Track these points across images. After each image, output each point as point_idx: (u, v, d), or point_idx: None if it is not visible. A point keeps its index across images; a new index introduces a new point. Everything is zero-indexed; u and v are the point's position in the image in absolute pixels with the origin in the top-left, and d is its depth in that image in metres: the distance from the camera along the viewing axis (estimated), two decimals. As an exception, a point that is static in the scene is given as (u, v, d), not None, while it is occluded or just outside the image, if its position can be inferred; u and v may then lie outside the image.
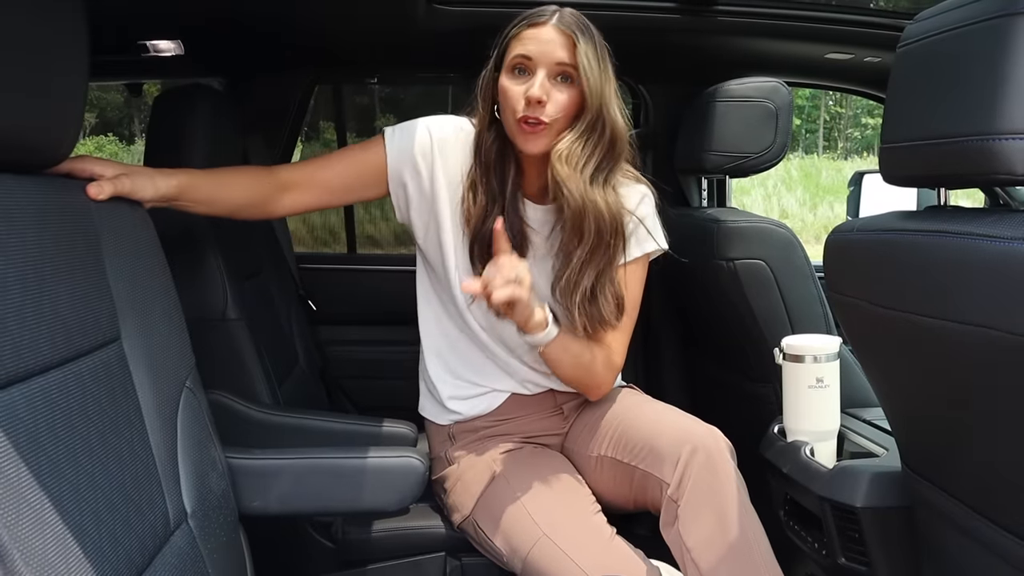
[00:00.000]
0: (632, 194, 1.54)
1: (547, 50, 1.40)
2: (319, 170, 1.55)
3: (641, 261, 1.57)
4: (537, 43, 1.41)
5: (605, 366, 1.54)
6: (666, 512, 1.37)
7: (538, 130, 1.42)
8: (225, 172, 1.49)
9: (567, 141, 1.43)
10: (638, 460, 1.44)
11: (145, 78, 2.78)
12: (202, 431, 1.19)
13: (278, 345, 1.95)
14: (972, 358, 0.95)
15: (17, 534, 0.72)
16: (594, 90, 1.41)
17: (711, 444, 1.38)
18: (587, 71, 1.40)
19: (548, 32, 1.41)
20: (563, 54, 1.40)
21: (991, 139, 0.91)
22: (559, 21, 1.42)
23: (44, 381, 0.84)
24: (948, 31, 0.98)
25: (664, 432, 1.43)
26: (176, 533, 1.05)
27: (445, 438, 1.64)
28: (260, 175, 1.51)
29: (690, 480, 1.35)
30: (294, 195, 1.52)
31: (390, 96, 8.16)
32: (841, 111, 23.21)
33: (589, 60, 1.40)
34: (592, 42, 1.42)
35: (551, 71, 1.41)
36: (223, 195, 1.44)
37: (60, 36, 0.96)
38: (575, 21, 1.43)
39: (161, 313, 1.15)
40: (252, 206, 1.50)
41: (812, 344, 1.55)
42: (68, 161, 1.09)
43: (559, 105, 1.41)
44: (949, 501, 1.13)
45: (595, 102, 1.41)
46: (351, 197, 1.60)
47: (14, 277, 0.82)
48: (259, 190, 1.50)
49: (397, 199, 1.57)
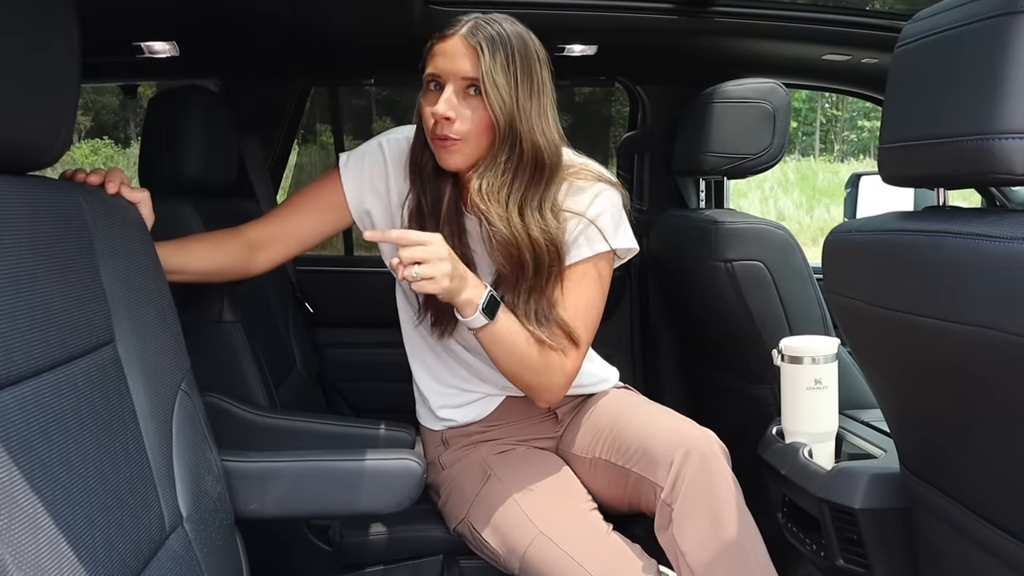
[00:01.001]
0: (583, 196, 1.47)
1: (452, 65, 1.35)
2: (283, 221, 1.54)
3: (592, 261, 1.47)
4: (443, 57, 1.36)
5: (557, 371, 1.44)
6: (660, 516, 1.36)
7: (449, 146, 1.37)
8: (193, 240, 1.48)
9: (483, 172, 1.37)
10: (632, 463, 1.43)
11: (140, 79, 2.77)
12: (197, 434, 1.18)
13: (275, 347, 1.94)
14: (972, 359, 0.95)
15: (10, 539, 0.72)
16: (501, 105, 1.34)
17: (705, 447, 1.37)
18: (490, 86, 1.33)
19: (453, 45, 1.35)
20: (467, 67, 1.34)
21: (990, 139, 0.90)
22: (468, 33, 1.35)
23: (37, 384, 0.84)
24: (946, 31, 0.98)
25: (657, 435, 1.42)
26: (171, 537, 1.05)
27: (438, 443, 1.64)
28: (226, 240, 1.50)
29: (684, 483, 1.34)
30: (268, 252, 1.52)
31: (387, 98, 8.16)
32: (837, 114, 23.26)
33: (495, 75, 1.33)
34: (505, 53, 1.34)
35: (458, 86, 1.36)
36: (191, 264, 1.43)
37: (51, 36, 0.95)
38: (489, 32, 1.35)
39: (156, 315, 1.14)
40: (225, 271, 1.50)
41: (810, 345, 1.55)
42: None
43: (469, 121, 1.36)
44: (948, 502, 1.13)
45: (504, 120, 1.35)
46: (325, 235, 1.58)
47: (5, 279, 0.82)
48: (227, 256, 1.49)
49: (363, 225, 1.56)
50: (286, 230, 1.53)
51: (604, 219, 1.47)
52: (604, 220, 1.47)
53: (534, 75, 1.38)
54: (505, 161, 1.37)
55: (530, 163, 1.38)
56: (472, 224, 1.48)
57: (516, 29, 1.38)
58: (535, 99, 1.38)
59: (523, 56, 1.36)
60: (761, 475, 1.64)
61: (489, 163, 1.38)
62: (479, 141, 1.38)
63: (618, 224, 1.49)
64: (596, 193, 1.47)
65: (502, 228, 1.37)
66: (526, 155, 1.38)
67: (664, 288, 2.38)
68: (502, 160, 1.37)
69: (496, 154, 1.38)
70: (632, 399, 1.61)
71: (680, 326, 2.41)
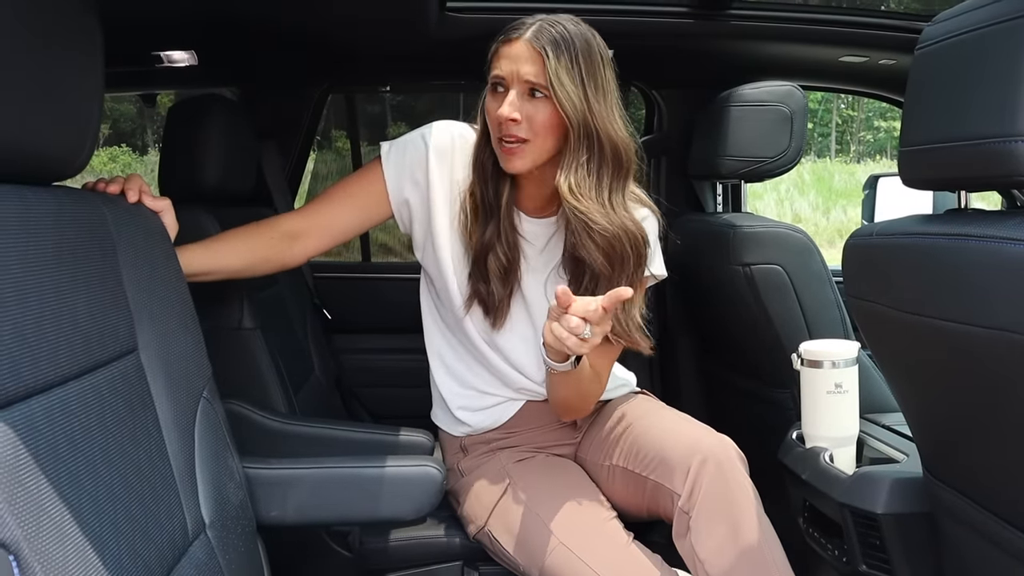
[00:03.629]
0: None
1: (516, 68, 1.36)
2: (323, 212, 1.54)
3: None
4: (508, 61, 1.38)
5: (595, 396, 1.52)
6: (678, 523, 1.36)
7: (515, 150, 1.39)
8: (219, 239, 1.49)
9: (567, 173, 1.38)
10: (648, 470, 1.43)
11: (159, 88, 2.79)
12: (219, 441, 1.19)
13: (293, 354, 1.95)
14: (996, 362, 0.94)
15: (37, 546, 0.72)
16: (573, 106, 1.35)
17: (721, 454, 1.36)
18: (559, 87, 1.34)
19: (518, 49, 1.37)
20: (531, 71, 1.36)
21: (1012, 141, 0.90)
22: (533, 36, 1.36)
23: (63, 392, 0.84)
24: (967, 32, 0.98)
25: (674, 442, 1.41)
26: (194, 544, 1.05)
27: (457, 449, 1.64)
28: (261, 232, 1.51)
29: (701, 491, 1.33)
30: (305, 243, 1.53)
31: (402, 104, 8.18)
32: (853, 114, 23.15)
33: (560, 76, 1.34)
34: (570, 55, 1.35)
35: (522, 89, 1.37)
36: (220, 263, 1.44)
37: (76, 48, 0.96)
38: (552, 34, 1.36)
39: (178, 323, 1.15)
40: (260, 264, 1.51)
41: (830, 349, 1.54)
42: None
43: (535, 122, 1.37)
44: (971, 507, 1.12)
45: (577, 119, 1.36)
46: (363, 227, 1.59)
47: (32, 287, 0.83)
48: (262, 249, 1.50)
49: (401, 217, 1.56)
50: (324, 221, 1.54)
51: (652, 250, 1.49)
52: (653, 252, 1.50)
53: (598, 74, 1.39)
54: (587, 160, 1.39)
55: (611, 158, 1.40)
56: (527, 223, 1.51)
57: (580, 29, 1.39)
58: (602, 97, 1.39)
59: (587, 56, 1.37)
60: (781, 479, 1.64)
61: (571, 162, 1.39)
62: (544, 143, 1.39)
63: (656, 251, 1.52)
64: (642, 218, 1.48)
65: (605, 224, 1.38)
66: (606, 151, 1.39)
67: (682, 292, 2.38)
68: (584, 159, 1.39)
69: (576, 153, 1.39)
70: (649, 405, 1.60)
71: (698, 330, 2.41)
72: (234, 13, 1.70)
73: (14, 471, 0.73)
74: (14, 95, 0.84)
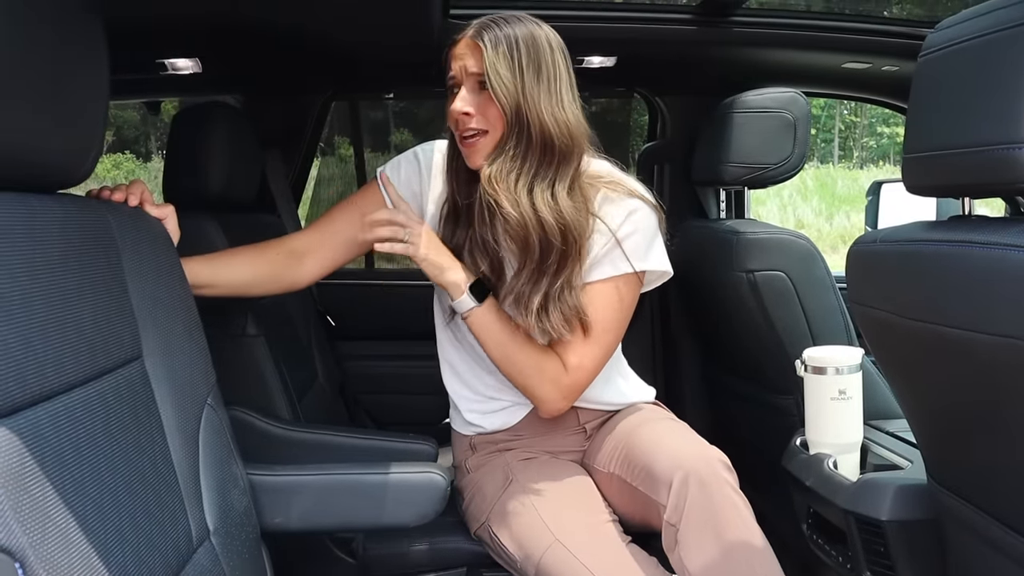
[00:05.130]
0: (616, 211, 1.47)
1: (463, 63, 1.41)
2: (325, 230, 1.56)
3: (614, 282, 1.48)
4: (454, 60, 1.43)
5: (551, 381, 1.47)
6: (666, 535, 1.34)
7: (474, 143, 1.42)
8: (224, 254, 1.50)
9: (492, 160, 1.41)
10: (638, 481, 1.42)
11: (163, 96, 2.80)
12: (224, 448, 1.19)
13: (297, 361, 1.95)
14: (999, 368, 0.94)
15: (43, 553, 0.72)
16: (506, 95, 1.37)
17: (704, 469, 1.34)
18: (493, 77, 1.37)
19: (462, 46, 1.42)
20: (473, 63, 1.40)
21: (1015, 148, 0.90)
22: (474, 32, 1.41)
23: (68, 400, 0.85)
24: (970, 40, 0.98)
25: (659, 455, 1.40)
26: (199, 551, 1.05)
27: (467, 447, 1.65)
28: (268, 250, 1.52)
29: (685, 505, 1.32)
30: (312, 261, 1.54)
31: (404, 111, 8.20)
32: (856, 120, 23.14)
33: (497, 66, 1.37)
34: (507, 45, 1.38)
35: (470, 83, 1.41)
36: (223, 277, 1.45)
37: (81, 56, 0.97)
38: (491, 29, 1.40)
39: (182, 330, 1.15)
40: (265, 282, 1.52)
41: (834, 356, 1.53)
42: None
43: (489, 114, 1.40)
44: (976, 514, 1.11)
45: (510, 107, 1.38)
46: (366, 245, 1.58)
47: (38, 295, 0.83)
48: (268, 266, 1.51)
49: None
50: (331, 236, 1.55)
51: (634, 239, 1.47)
52: (634, 240, 1.47)
53: (542, 60, 1.40)
54: (514, 147, 1.40)
55: (539, 146, 1.40)
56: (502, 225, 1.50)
57: (523, 23, 1.42)
58: (544, 84, 1.40)
59: (528, 44, 1.39)
60: (785, 486, 1.63)
61: (498, 152, 1.41)
62: (497, 133, 1.41)
63: (651, 245, 1.49)
64: (630, 211, 1.47)
65: (510, 209, 1.38)
66: (534, 139, 1.40)
67: (685, 299, 2.38)
68: (510, 146, 1.40)
69: (505, 141, 1.41)
70: (650, 415, 1.60)
71: (701, 336, 2.41)
72: (238, 20, 1.71)
73: (20, 478, 0.73)
74: (20, 103, 0.84)
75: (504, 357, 1.47)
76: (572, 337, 1.46)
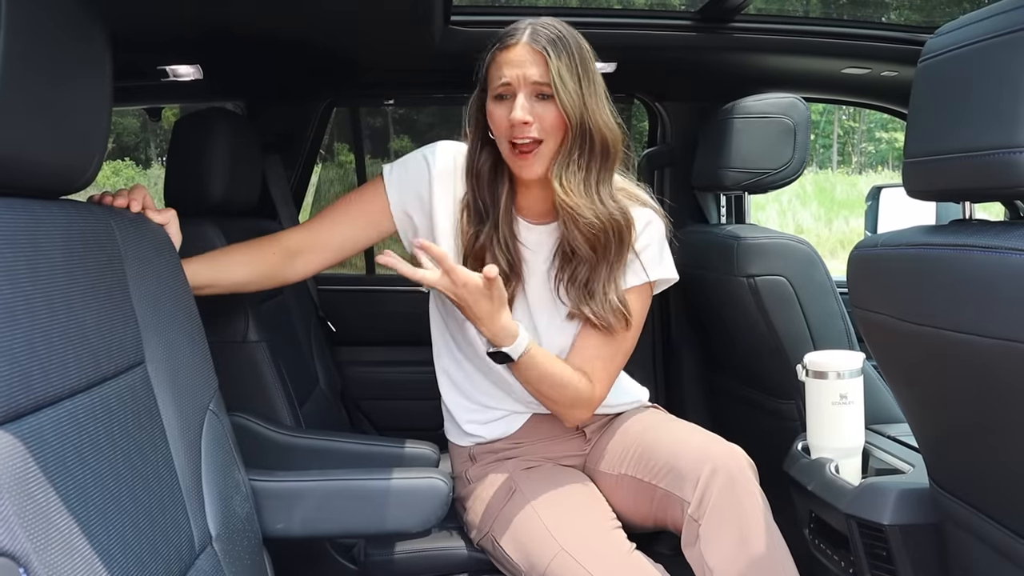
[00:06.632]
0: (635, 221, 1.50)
1: (521, 72, 1.39)
2: (324, 229, 1.56)
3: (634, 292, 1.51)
4: (510, 66, 1.40)
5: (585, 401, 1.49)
6: (687, 532, 1.36)
7: (530, 153, 1.41)
8: (223, 253, 1.50)
9: (560, 171, 1.42)
10: (658, 479, 1.43)
11: (165, 102, 2.80)
12: (226, 454, 1.19)
13: (298, 367, 1.95)
14: (1000, 372, 0.94)
15: (46, 558, 0.72)
16: (572, 105, 1.39)
17: (732, 464, 1.36)
18: (561, 88, 1.38)
19: (520, 53, 1.40)
20: (536, 72, 1.39)
21: (1014, 152, 0.90)
22: (530, 39, 1.40)
23: (72, 405, 0.85)
24: (969, 45, 0.98)
25: (685, 451, 1.42)
26: (201, 556, 1.05)
27: (466, 458, 1.64)
28: (263, 248, 1.52)
29: (711, 500, 1.34)
30: (305, 259, 1.54)
31: (404, 117, 8.21)
32: (855, 125, 23.17)
33: (563, 76, 1.38)
34: (567, 53, 1.39)
35: (529, 91, 1.40)
36: (223, 277, 1.46)
37: (84, 63, 0.97)
38: (548, 35, 1.40)
39: (184, 336, 1.15)
40: (261, 280, 1.52)
41: (835, 360, 1.54)
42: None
43: (545, 122, 1.41)
44: (978, 518, 1.12)
45: (575, 117, 1.40)
46: (363, 245, 1.59)
47: (42, 301, 0.83)
48: (264, 264, 1.51)
49: (404, 233, 1.57)
50: (328, 236, 1.55)
51: (651, 250, 1.52)
52: (651, 251, 1.52)
53: (590, 70, 1.43)
54: (579, 157, 1.42)
55: (600, 152, 1.44)
56: (526, 230, 1.52)
57: (568, 29, 1.43)
58: (595, 92, 1.43)
59: (579, 52, 1.42)
60: (787, 490, 1.63)
61: (564, 161, 1.42)
62: (554, 142, 1.42)
63: (662, 254, 1.54)
64: (647, 222, 1.52)
65: (593, 219, 1.42)
66: (596, 146, 1.43)
67: (686, 303, 2.38)
68: (576, 156, 1.42)
69: (570, 151, 1.42)
70: (660, 416, 1.61)
71: (702, 341, 2.41)
72: (239, 27, 1.71)
73: (24, 483, 0.73)
74: (23, 110, 0.84)
75: (545, 389, 1.46)
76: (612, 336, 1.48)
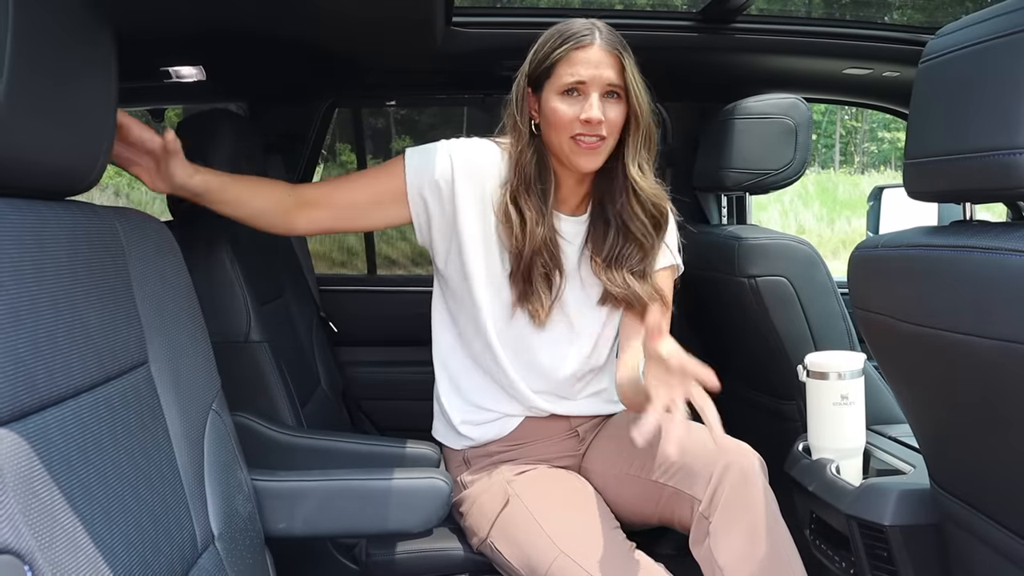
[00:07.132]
0: None
1: (598, 72, 1.45)
2: (338, 190, 1.57)
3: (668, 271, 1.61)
4: (587, 66, 1.45)
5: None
6: (696, 529, 1.36)
7: (596, 147, 1.47)
8: (252, 179, 1.53)
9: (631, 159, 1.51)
10: (667, 477, 1.43)
11: (168, 103, 2.81)
12: (228, 454, 1.19)
13: (300, 367, 1.95)
14: (1000, 373, 0.95)
15: (51, 556, 0.73)
16: (640, 104, 1.48)
17: (744, 461, 1.37)
18: (633, 88, 1.46)
19: (596, 54, 1.45)
20: (612, 74, 1.45)
21: (1015, 153, 0.90)
22: (603, 41, 1.45)
23: (76, 405, 0.85)
24: (970, 46, 0.98)
25: (696, 449, 1.41)
26: (203, 556, 1.06)
27: (460, 462, 1.64)
28: (283, 189, 1.54)
29: (722, 497, 1.34)
30: (313, 213, 1.53)
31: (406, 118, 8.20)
32: (857, 125, 23.15)
33: (635, 76, 1.47)
34: (630, 56, 1.47)
35: (602, 91, 1.46)
36: (247, 199, 1.48)
37: (89, 64, 0.97)
38: (617, 38, 1.47)
39: (187, 337, 1.16)
40: (271, 215, 1.52)
41: (836, 361, 1.54)
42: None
43: (612, 122, 1.47)
44: (978, 518, 1.12)
45: (644, 115, 1.49)
46: (370, 219, 1.59)
47: (47, 302, 0.83)
48: (280, 203, 1.52)
49: (418, 219, 1.56)
50: (339, 197, 1.56)
51: (672, 235, 1.63)
52: (672, 237, 1.63)
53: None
54: (642, 148, 1.53)
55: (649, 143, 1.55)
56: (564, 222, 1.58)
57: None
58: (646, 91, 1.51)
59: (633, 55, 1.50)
60: (788, 491, 1.63)
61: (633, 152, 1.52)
62: (614, 139, 1.50)
63: (675, 241, 1.63)
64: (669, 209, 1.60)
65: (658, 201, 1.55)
66: (649, 139, 1.54)
67: (687, 304, 2.38)
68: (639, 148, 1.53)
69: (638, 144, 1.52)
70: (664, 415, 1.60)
71: (703, 342, 2.41)
72: (243, 29, 1.72)
73: (29, 482, 0.74)
74: (29, 111, 0.85)
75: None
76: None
